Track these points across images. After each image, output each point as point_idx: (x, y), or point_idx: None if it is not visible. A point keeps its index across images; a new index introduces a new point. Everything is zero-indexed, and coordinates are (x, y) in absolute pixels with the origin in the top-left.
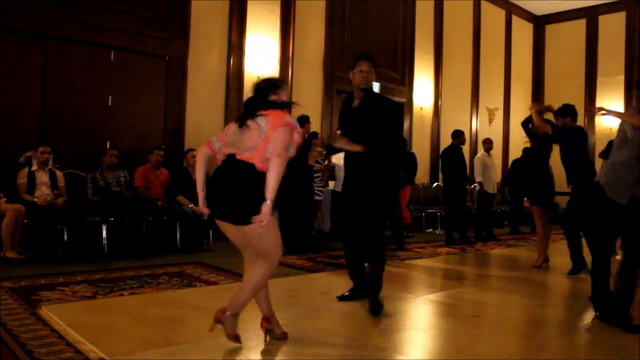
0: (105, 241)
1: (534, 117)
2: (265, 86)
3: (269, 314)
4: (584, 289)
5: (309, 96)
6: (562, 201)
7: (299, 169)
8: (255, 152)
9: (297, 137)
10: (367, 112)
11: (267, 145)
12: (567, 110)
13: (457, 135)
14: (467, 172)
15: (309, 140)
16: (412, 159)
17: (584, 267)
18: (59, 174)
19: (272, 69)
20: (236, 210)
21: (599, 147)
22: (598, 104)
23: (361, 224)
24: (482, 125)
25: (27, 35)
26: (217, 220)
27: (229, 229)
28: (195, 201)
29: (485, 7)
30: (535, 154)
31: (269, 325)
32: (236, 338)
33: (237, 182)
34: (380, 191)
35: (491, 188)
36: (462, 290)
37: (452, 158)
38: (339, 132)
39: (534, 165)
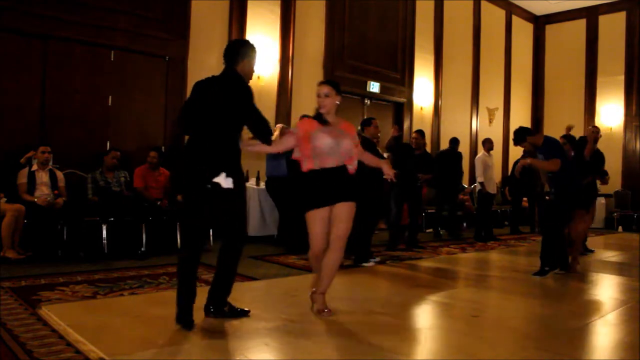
0: (105, 241)
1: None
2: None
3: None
4: (584, 289)
5: (309, 96)
6: None
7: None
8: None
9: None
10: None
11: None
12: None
13: (456, 142)
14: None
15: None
16: (430, 160)
17: (552, 268)
18: (59, 174)
19: (272, 69)
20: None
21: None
22: (598, 104)
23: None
24: (482, 125)
25: (27, 35)
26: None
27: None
28: None
29: (485, 7)
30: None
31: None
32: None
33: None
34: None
35: (492, 188)
36: (462, 290)
37: (447, 161)
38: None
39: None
